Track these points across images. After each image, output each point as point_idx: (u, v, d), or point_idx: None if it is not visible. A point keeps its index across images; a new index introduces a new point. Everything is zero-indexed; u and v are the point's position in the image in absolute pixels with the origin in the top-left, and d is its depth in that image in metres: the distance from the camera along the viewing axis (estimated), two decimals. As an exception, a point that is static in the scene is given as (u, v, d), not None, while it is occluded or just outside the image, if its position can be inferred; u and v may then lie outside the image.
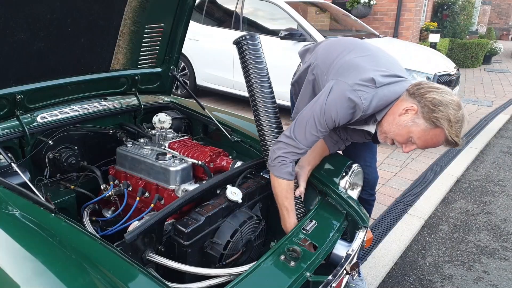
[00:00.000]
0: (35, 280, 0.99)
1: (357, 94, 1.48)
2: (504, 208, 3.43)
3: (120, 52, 2.02)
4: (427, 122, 1.42)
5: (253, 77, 1.75)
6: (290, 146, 1.59)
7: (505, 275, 2.54)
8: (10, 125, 1.72)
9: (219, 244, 1.45)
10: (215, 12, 5.97)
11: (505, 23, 19.60)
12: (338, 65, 1.62)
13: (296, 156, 1.61)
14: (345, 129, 1.84)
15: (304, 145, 1.59)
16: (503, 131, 5.64)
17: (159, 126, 2.08)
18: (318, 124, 1.55)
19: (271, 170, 1.65)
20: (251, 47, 1.76)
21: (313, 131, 1.57)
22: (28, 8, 1.51)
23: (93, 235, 1.21)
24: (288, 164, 1.61)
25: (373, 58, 1.63)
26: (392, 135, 1.54)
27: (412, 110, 1.45)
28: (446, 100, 1.40)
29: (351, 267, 1.41)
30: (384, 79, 1.52)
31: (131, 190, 1.78)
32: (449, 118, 1.39)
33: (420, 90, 1.45)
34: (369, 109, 1.50)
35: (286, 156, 1.59)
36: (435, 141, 1.46)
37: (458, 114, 1.40)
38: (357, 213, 1.67)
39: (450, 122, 1.39)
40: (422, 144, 1.48)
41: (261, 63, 1.77)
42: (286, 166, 1.61)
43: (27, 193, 1.31)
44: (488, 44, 10.81)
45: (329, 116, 1.53)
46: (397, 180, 3.76)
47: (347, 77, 1.53)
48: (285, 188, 1.62)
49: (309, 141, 1.60)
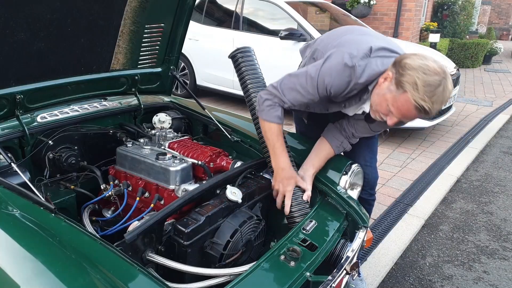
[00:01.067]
0: (35, 280, 0.99)
1: (353, 61, 1.49)
2: (504, 208, 3.43)
3: (120, 52, 2.02)
4: (396, 87, 1.41)
5: (251, 87, 1.81)
6: (275, 97, 1.61)
7: (505, 275, 2.54)
8: (10, 125, 1.72)
9: (219, 244, 1.45)
10: (215, 12, 5.97)
11: (505, 23, 19.60)
12: (338, 42, 1.64)
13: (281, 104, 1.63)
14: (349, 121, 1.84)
15: (288, 99, 1.61)
16: (503, 131, 5.64)
17: (159, 126, 2.08)
18: (309, 84, 1.56)
19: (260, 116, 1.66)
20: (246, 59, 1.82)
21: (301, 89, 1.58)
22: (28, 8, 1.51)
23: (93, 235, 1.20)
24: (277, 108, 1.62)
25: (373, 36, 1.67)
26: (375, 107, 1.54)
27: (388, 77, 1.45)
28: (417, 64, 1.37)
29: (351, 267, 1.41)
30: (379, 51, 1.53)
31: (131, 190, 1.79)
32: (414, 81, 1.36)
33: (400, 57, 1.45)
34: (362, 77, 1.51)
35: (275, 100, 1.62)
36: (407, 108, 1.42)
37: (430, 79, 1.35)
38: (357, 213, 1.67)
39: (415, 85, 1.35)
40: (397, 112, 1.46)
41: (257, 73, 1.83)
42: (275, 110, 1.62)
43: (27, 193, 1.31)
44: (488, 44, 10.81)
45: (322, 80, 1.53)
46: (397, 180, 3.76)
47: (347, 48, 1.55)
48: (275, 132, 1.64)
49: (293, 98, 1.61)
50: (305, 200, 1.68)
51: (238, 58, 1.84)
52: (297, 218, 1.63)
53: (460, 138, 5.03)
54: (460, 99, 6.88)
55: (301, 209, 1.65)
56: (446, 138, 5.02)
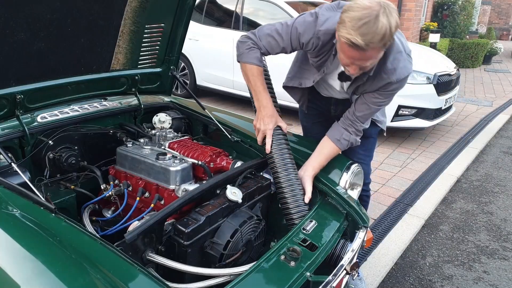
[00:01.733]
0: (35, 280, 0.99)
1: (319, 11, 1.62)
2: (504, 208, 3.43)
3: (120, 52, 2.02)
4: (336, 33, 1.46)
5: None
6: (252, 41, 1.70)
7: (505, 275, 2.54)
8: (10, 125, 1.72)
9: (219, 244, 1.45)
10: (215, 12, 5.97)
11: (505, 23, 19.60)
12: None
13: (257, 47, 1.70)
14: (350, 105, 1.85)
15: (263, 44, 1.69)
16: (503, 131, 5.64)
17: (159, 126, 2.08)
18: (284, 31, 1.66)
19: (240, 60, 1.73)
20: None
21: (276, 35, 1.68)
22: (28, 8, 1.51)
23: (93, 235, 1.20)
24: (255, 50, 1.68)
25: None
26: (340, 62, 1.57)
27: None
28: (348, 5, 1.41)
29: (351, 267, 1.41)
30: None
31: (131, 190, 1.79)
32: (342, 20, 1.39)
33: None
34: (323, 26, 1.59)
35: (253, 43, 1.69)
36: (344, 48, 1.44)
37: (356, 14, 1.35)
38: (357, 213, 1.67)
39: (343, 22, 1.38)
40: (344, 56, 1.48)
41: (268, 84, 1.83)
42: (254, 52, 1.68)
43: (27, 193, 1.31)
44: (488, 44, 10.81)
45: (295, 28, 1.65)
46: (397, 180, 3.76)
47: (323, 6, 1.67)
48: (255, 73, 1.70)
49: (268, 43, 1.69)
50: (306, 202, 1.68)
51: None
52: (296, 220, 1.63)
53: (460, 138, 5.03)
54: (460, 99, 6.88)
55: (300, 210, 1.65)
56: (446, 138, 5.02)
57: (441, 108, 4.73)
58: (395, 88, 1.70)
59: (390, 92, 1.72)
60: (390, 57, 1.62)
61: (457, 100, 6.53)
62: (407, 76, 1.67)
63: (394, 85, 1.68)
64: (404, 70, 1.65)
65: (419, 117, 4.53)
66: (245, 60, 1.69)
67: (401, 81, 1.67)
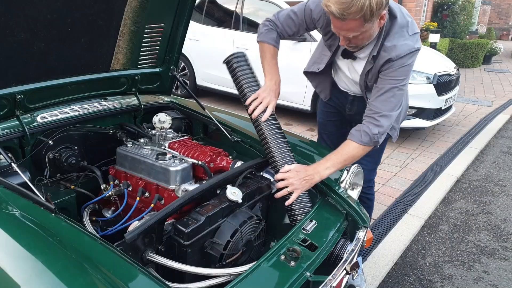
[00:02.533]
0: (35, 280, 0.99)
1: None
2: (504, 208, 3.43)
3: (120, 52, 2.02)
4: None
5: (247, 91, 1.82)
6: (271, 21, 1.89)
7: (505, 275, 2.54)
8: (10, 125, 1.72)
9: (219, 244, 1.45)
10: (215, 12, 5.97)
11: (505, 23, 19.60)
12: None
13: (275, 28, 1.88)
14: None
15: (280, 23, 1.87)
16: (503, 131, 5.64)
17: (159, 126, 2.08)
18: (299, 9, 1.82)
19: (258, 39, 1.90)
20: (241, 63, 1.84)
21: (292, 14, 1.84)
22: (28, 8, 1.51)
23: (93, 235, 1.20)
24: (273, 32, 1.87)
25: None
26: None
27: None
28: None
29: (351, 267, 1.41)
30: None
31: (131, 190, 1.78)
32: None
33: None
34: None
35: (271, 24, 1.88)
36: (331, 19, 1.55)
37: None
38: (357, 213, 1.67)
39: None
40: (332, 26, 1.59)
41: (253, 78, 1.85)
42: (272, 33, 1.87)
43: (27, 193, 1.31)
44: (488, 44, 10.81)
45: (308, 6, 1.79)
46: (397, 180, 3.76)
47: None
48: (271, 52, 1.87)
49: (285, 21, 1.87)
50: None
51: (233, 63, 1.85)
52: (298, 216, 1.64)
53: (460, 138, 5.03)
54: (460, 99, 6.88)
55: (303, 207, 1.65)
56: (446, 138, 5.03)
57: (441, 108, 4.73)
58: (399, 68, 1.66)
59: (395, 73, 1.67)
60: (390, 35, 1.64)
61: (457, 100, 6.54)
62: (409, 54, 1.64)
63: (396, 64, 1.65)
64: (404, 47, 1.64)
65: (419, 117, 4.53)
66: (262, 39, 1.87)
67: (403, 58, 1.64)
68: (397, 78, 1.68)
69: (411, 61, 1.68)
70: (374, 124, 1.71)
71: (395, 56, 1.65)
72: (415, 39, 1.69)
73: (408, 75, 1.70)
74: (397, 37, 1.65)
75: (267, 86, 1.83)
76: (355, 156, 1.73)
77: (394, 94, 1.71)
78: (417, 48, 1.67)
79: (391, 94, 1.70)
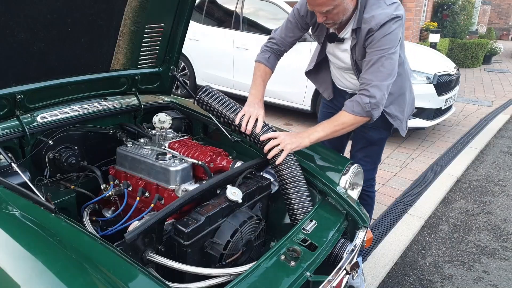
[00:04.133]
0: (35, 280, 0.99)
1: None
2: (504, 208, 3.43)
3: (120, 52, 2.02)
4: None
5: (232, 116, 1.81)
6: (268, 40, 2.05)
7: (505, 275, 2.54)
8: (10, 125, 1.72)
9: (219, 244, 1.45)
10: (215, 12, 5.97)
11: (505, 23, 19.60)
12: None
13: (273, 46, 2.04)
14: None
15: (277, 34, 2.05)
16: (503, 131, 5.64)
17: (159, 126, 2.08)
18: (290, 14, 1.99)
19: (255, 60, 2.04)
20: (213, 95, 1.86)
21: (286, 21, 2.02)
22: (28, 8, 1.51)
23: (93, 235, 1.20)
24: (267, 53, 2.02)
25: None
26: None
27: None
28: None
29: (351, 267, 1.41)
30: None
31: (131, 190, 1.78)
32: None
33: None
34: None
35: (267, 46, 2.04)
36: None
37: None
38: (357, 213, 1.67)
39: None
40: (307, 5, 1.72)
41: (230, 101, 1.86)
42: (265, 54, 2.02)
43: (27, 193, 1.31)
44: (488, 44, 10.81)
45: (295, 8, 1.95)
46: (397, 180, 3.76)
47: None
48: (260, 69, 2.00)
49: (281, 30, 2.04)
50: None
51: (204, 98, 1.86)
52: (299, 215, 1.64)
53: (460, 138, 5.03)
54: (460, 99, 6.88)
55: (303, 206, 1.65)
56: (446, 138, 5.03)
57: (441, 108, 4.73)
58: (382, 37, 1.68)
59: (379, 43, 1.69)
60: (367, 7, 1.71)
61: (457, 100, 6.54)
62: (389, 21, 1.66)
63: (378, 34, 1.68)
64: (383, 15, 1.66)
65: (419, 117, 4.53)
66: (256, 59, 2.03)
67: (383, 26, 1.66)
68: (382, 48, 1.69)
69: (394, 28, 1.68)
70: (366, 95, 1.73)
71: (375, 25, 1.67)
72: (394, 7, 1.70)
73: (393, 44, 1.70)
74: (374, 8, 1.69)
75: (250, 101, 1.87)
76: (345, 124, 1.75)
77: (383, 64, 1.70)
78: (396, 15, 1.67)
79: (379, 64, 1.71)
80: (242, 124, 1.77)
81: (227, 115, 1.82)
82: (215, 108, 1.84)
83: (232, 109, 1.82)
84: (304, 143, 1.73)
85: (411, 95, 2.11)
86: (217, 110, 1.84)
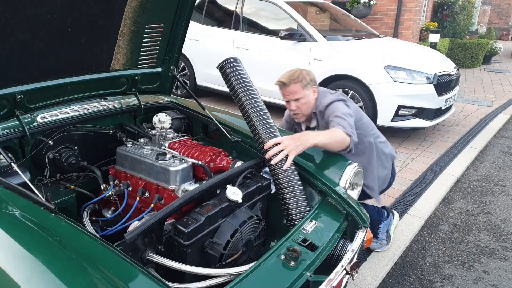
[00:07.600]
0: (35, 280, 1.00)
1: None
2: (504, 208, 3.43)
3: (120, 52, 2.02)
4: None
5: (242, 95, 1.81)
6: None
7: (505, 275, 2.54)
8: (10, 125, 1.72)
9: (219, 244, 1.45)
10: (215, 12, 5.97)
11: (505, 23, 19.60)
12: None
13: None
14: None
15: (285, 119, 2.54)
16: (503, 131, 5.64)
17: (159, 126, 2.08)
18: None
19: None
20: (235, 69, 1.83)
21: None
22: (28, 8, 1.51)
23: (93, 235, 1.21)
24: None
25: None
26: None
27: None
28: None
29: (351, 267, 1.41)
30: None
31: (131, 190, 1.79)
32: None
33: None
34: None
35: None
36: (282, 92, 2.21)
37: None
38: (357, 213, 1.67)
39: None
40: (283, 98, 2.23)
41: (248, 81, 1.84)
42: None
43: (27, 193, 1.31)
44: (488, 44, 10.81)
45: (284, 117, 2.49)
46: (397, 180, 3.75)
47: None
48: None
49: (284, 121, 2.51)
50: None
51: (226, 69, 1.84)
52: (296, 220, 1.63)
53: (460, 138, 5.03)
54: (460, 99, 6.88)
55: (300, 211, 1.65)
56: (446, 138, 5.02)
57: (441, 108, 4.73)
58: (331, 111, 2.11)
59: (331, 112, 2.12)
60: (318, 99, 2.23)
61: (457, 100, 6.53)
62: (330, 103, 2.15)
63: (327, 111, 2.14)
64: (327, 99, 2.18)
65: (419, 117, 4.53)
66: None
67: (329, 106, 2.14)
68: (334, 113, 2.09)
69: (338, 103, 2.15)
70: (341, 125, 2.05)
71: (323, 107, 2.17)
72: (336, 95, 2.24)
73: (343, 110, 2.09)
74: (322, 98, 2.23)
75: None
76: (338, 139, 1.92)
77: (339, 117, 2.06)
78: (338, 98, 2.18)
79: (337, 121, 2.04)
80: (270, 151, 1.71)
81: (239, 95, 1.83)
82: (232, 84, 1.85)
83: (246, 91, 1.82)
84: (309, 145, 1.77)
85: (384, 171, 2.46)
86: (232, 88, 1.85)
